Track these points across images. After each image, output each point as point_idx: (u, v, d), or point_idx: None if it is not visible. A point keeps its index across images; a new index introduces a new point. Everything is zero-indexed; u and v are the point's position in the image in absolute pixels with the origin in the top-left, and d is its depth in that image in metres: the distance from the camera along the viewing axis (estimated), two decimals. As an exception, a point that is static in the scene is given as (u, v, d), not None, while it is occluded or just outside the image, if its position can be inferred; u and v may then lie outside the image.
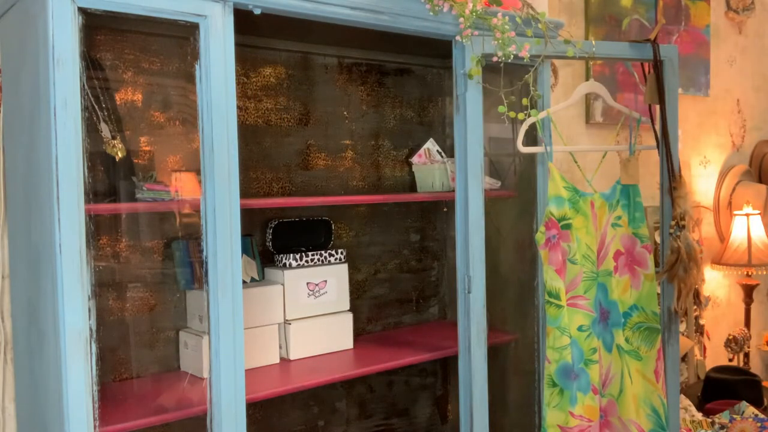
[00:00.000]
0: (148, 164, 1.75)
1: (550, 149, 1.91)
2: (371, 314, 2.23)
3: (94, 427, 1.32)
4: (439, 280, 2.40)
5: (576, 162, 2.03)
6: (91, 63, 1.43)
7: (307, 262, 1.93)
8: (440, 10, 1.71)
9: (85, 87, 1.31)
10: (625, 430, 1.90)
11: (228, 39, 1.44)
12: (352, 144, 2.17)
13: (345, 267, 2.01)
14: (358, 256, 2.19)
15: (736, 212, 3.27)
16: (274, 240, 1.94)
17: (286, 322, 1.89)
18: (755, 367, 3.46)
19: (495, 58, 1.72)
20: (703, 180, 3.34)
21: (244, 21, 1.49)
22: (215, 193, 1.43)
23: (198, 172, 1.46)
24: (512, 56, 1.72)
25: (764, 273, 3.29)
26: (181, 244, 1.76)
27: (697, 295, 3.12)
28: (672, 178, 1.90)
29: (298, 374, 1.78)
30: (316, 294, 1.94)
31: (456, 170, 1.79)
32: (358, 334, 2.14)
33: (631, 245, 1.95)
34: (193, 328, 1.78)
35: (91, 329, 1.31)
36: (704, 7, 3.27)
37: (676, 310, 1.91)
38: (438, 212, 2.39)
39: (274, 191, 2.00)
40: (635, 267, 1.94)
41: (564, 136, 2.23)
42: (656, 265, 1.99)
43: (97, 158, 1.53)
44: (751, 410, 2.70)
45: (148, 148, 1.76)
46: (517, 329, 2.15)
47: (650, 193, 2.71)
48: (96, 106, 1.45)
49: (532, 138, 1.96)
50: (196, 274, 1.75)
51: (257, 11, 1.49)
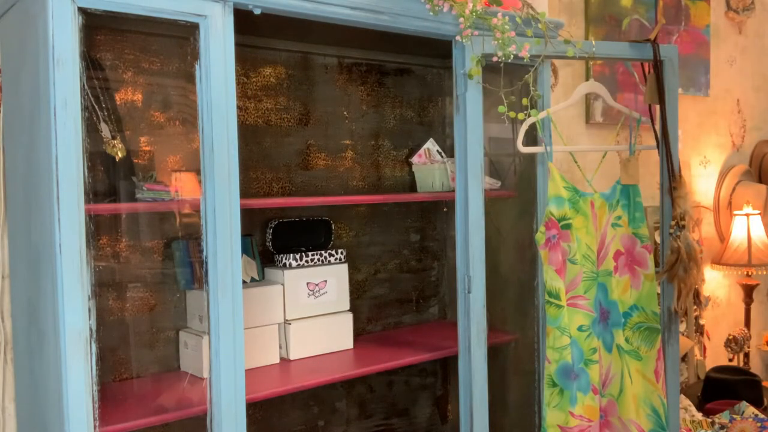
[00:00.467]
0: (148, 164, 1.75)
1: (550, 149, 1.91)
2: (371, 314, 2.23)
3: (94, 427, 1.32)
4: (439, 280, 2.40)
5: (576, 162, 2.03)
6: (91, 63, 1.44)
7: (307, 262, 1.93)
8: (440, 10, 1.71)
9: (85, 87, 1.31)
10: (625, 430, 1.90)
11: (228, 39, 1.44)
12: (352, 144, 2.17)
13: (345, 267, 2.01)
14: (358, 256, 2.19)
15: (736, 212, 3.27)
16: (274, 240, 1.94)
17: (286, 322, 1.89)
18: (755, 367, 3.46)
19: (495, 58, 1.72)
20: (703, 180, 3.34)
21: (244, 21, 1.49)
22: (215, 193, 1.43)
23: (198, 172, 1.46)
24: (512, 56, 1.72)
25: (764, 273, 3.29)
26: (181, 244, 1.76)
27: (697, 295, 3.12)
28: (672, 178, 1.90)
29: (298, 374, 1.78)
30: (316, 294, 1.94)
31: (456, 170, 1.79)
32: (358, 334, 2.14)
33: (631, 245, 1.95)
34: (193, 328, 1.78)
35: (91, 329, 1.31)
36: (704, 7, 3.27)
37: (676, 310, 1.91)
38: (438, 212, 2.39)
39: (274, 191, 2.00)
40: (635, 267, 1.94)
41: (564, 136, 2.23)
42: (656, 265, 1.99)
43: (97, 158, 1.53)
44: (751, 410, 2.70)
45: (148, 148, 1.76)
46: (517, 329, 2.15)
47: (650, 193, 2.71)
48: (96, 106, 1.45)
49: (532, 138, 1.96)
50: (196, 274, 1.75)
51: (257, 11, 1.49)
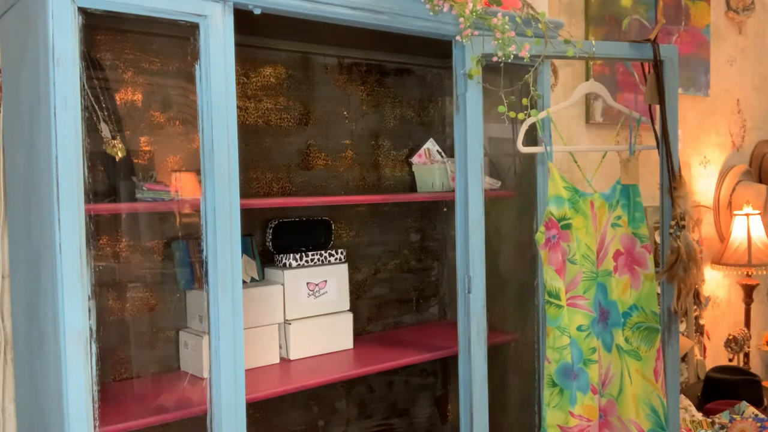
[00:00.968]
0: (148, 164, 1.75)
1: (550, 149, 1.91)
2: (371, 314, 2.23)
3: (94, 427, 1.32)
4: (439, 280, 2.40)
5: (576, 162, 2.03)
6: (91, 63, 1.44)
7: (307, 262, 1.93)
8: (440, 10, 1.71)
9: (85, 87, 1.31)
10: (625, 430, 1.90)
11: (228, 39, 1.44)
12: (352, 144, 2.17)
13: (345, 267, 2.01)
14: (358, 256, 2.19)
15: (736, 212, 3.27)
16: (274, 240, 1.94)
17: (286, 322, 1.89)
18: (755, 367, 3.46)
19: (495, 58, 1.72)
20: (703, 180, 3.34)
21: (244, 21, 1.49)
22: (215, 193, 1.43)
23: (198, 172, 1.46)
24: (512, 56, 1.72)
25: (764, 273, 3.29)
26: (181, 244, 1.76)
27: (697, 295, 3.12)
28: (672, 178, 1.90)
29: (298, 374, 1.78)
30: (316, 294, 1.94)
31: (456, 170, 1.79)
32: (358, 334, 2.14)
33: (631, 245, 1.95)
34: (193, 328, 1.78)
35: (91, 329, 1.31)
36: (704, 7, 3.27)
37: (676, 310, 1.91)
38: (438, 212, 2.39)
39: (274, 191, 2.00)
40: (635, 267, 1.94)
41: (564, 136, 2.24)
42: (656, 265, 1.99)
43: (97, 158, 1.53)
44: (751, 410, 2.70)
45: (148, 148, 1.76)
46: (517, 329, 2.15)
47: (650, 193, 2.71)
48: (96, 106, 1.45)
49: (532, 138, 1.96)
50: (196, 274, 1.75)
51: (257, 11, 1.50)
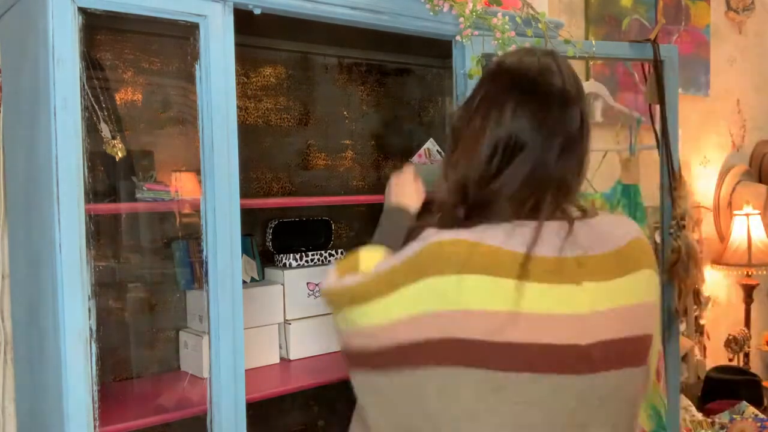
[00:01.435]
0: (148, 164, 1.75)
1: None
2: (371, 314, 2.23)
3: (94, 427, 1.32)
4: (439, 280, 2.40)
5: (576, 162, 2.02)
6: (91, 63, 1.43)
7: (307, 262, 1.93)
8: (440, 10, 1.71)
9: (85, 87, 1.31)
10: None
11: (228, 39, 1.44)
12: (352, 144, 2.16)
13: (345, 267, 2.01)
14: (358, 256, 2.18)
15: (736, 212, 3.27)
16: (274, 240, 1.94)
17: (286, 322, 1.89)
18: (755, 367, 3.46)
19: (495, 58, 1.72)
20: (703, 180, 3.34)
21: (244, 21, 1.49)
22: (215, 193, 1.43)
23: (198, 172, 1.46)
24: (512, 56, 1.72)
25: (764, 273, 3.29)
26: (181, 244, 1.76)
27: (698, 294, 3.11)
28: (672, 178, 1.90)
29: (298, 374, 1.78)
30: (316, 294, 1.94)
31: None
32: (358, 334, 2.14)
33: (631, 245, 1.95)
34: (193, 328, 1.78)
35: (91, 329, 1.31)
36: (704, 7, 3.27)
37: (677, 310, 1.91)
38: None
39: (274, 191, 2.00)
40: (635, 267, 1.94)
41: (564, 136, 2.23)
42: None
43: (97, 158, 1.53)
44: (751, 410, 2.71)
45: (148, 148, 1.76)
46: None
47: (650, 193, 2.71)
48: (96, 106, 1.45)
49: (532, 138, 1.96)
50: (196, 274, 1.75)
51: (257, 11, 1.49)
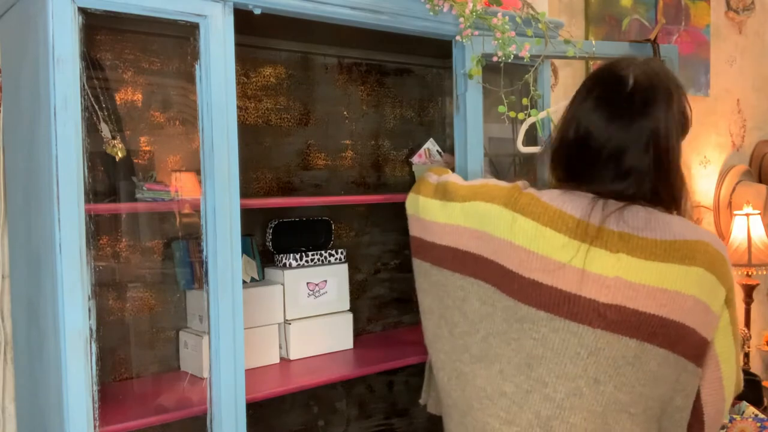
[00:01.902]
0: (148, 164, 1.75)
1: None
2: (371, 314, 2.23)
3: (94, 427, 1.32)
4: (439, 280, 2.40)
5: (576, 162, 2.02)
6: (91, 63, 1.43)
7: (307, 262, 1.93)
8: (440, 10, 1.71)
9: (85, 87, 1.31)
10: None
11: (228, 39, 1.44)
12: (352, 144, 2.17)
13: (345, 267, 2.01)
14: (358, 256, 2.19)
15: (736, 212, 3.27)
16: (274, 240, 1.94)
17: (286, 322, 1.89)
18: (755, 367, 3.46)
19: (495, 58, 1.72)
20: (703, 180, 3.34)
21: (244, 21, 1.49)
22: (215, 193, 1.43)
23: (198, 172, 1.46)
24: (512, 56, 1.72)
25: (764, 273, 3.29)
26: (181, 244, 1.76)
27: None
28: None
29: (298, 374, 1.78)
30: (316, 294, 1.94)
31: (456, 170, 1.79)
32: (358, 334, 2.14)
33: (631, 245, 1.95)
34: (193, 328, 1.78)
35: (91, 329, 1.31)
36: (704, 7, 3.27)
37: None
38: (438, 212, 2.38)
39: (274, 191, 2.00)
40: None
41: (564, 136, 2.23)
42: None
43: (97, 158, 1.53)
44: (751, 410, 2.70)
45: (148, 148, 1.76)
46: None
47: (650, 193, 2.71)
48: (96, 106, 1.45)
49: (532, 138, 1.96)
50: (196, 274, 1.75)
51: (257, 11, 1.50)
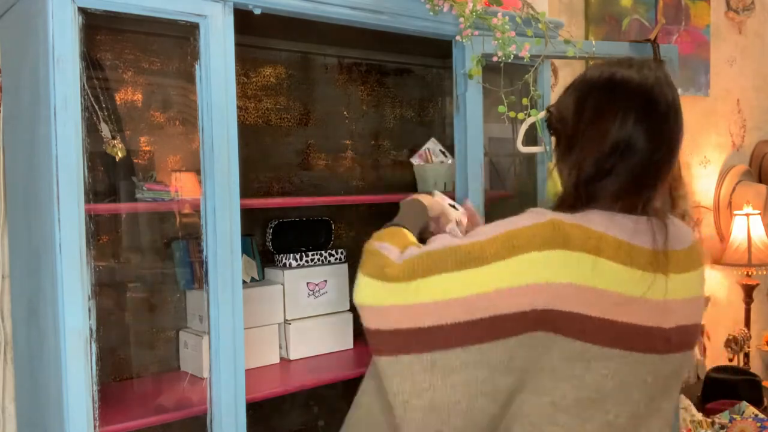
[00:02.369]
0: (148, 164, 1.75)
1: (550, 149, 1.91)
2: (371, 314, 2.23)
3: (94, 427, 1.32)
4: (439, 280, 2.40)
5: (576, 162, 2.02)
6: (91, 63, 1.43)
7: (307, 262, 1.93)
8: (440, 10, 1.71)
9: (85, 87, 1.31)
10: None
11: (228, 39, 1.44)
12: (352, 144, 2.16)
13: (345, 267, 2.01)
14: (358, 256, 2.17)
15: (736, 212, 3.27)
16: (274, 240, 1.94)
17: (286, 322, 1.89)
18: (755, 367, 3.46)
19: (495, 58, 1.72)
20: (703, 180, 3.34)
21: (244, 21, 1.49)
22: (215, 193, 1.43)
23: (198, 172, 1.46)
24: (512, 56, 1.72)
25: (764, 273, 3.29)
26: (181, 244, 1.76)
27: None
28: (672, 178, 1.90)
29: (298, 374, 1.78)
30: (316, 294, 1.94)
31: (456, 170, 1.79)
32: (358, 334, 2.14)
33: (631, 245, 1.95)
34: (193, 328, 1.78)
35: (91, 329, 1.31)
36: (704, 7, 3.27)
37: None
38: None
39: (274, 191, 2.00)
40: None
41: (564, 136, 2.23)
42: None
43: (97, 158, 1.53)
44: (751, 410, 2.70)
45: (148, 148, 1.76)
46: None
47: (650, 193, 2.71)
48: (96, 106, 1.45)
49: (532, 138, 1.96)
50: (196, 274, 1.75)
51: (257, 11, 1.49)
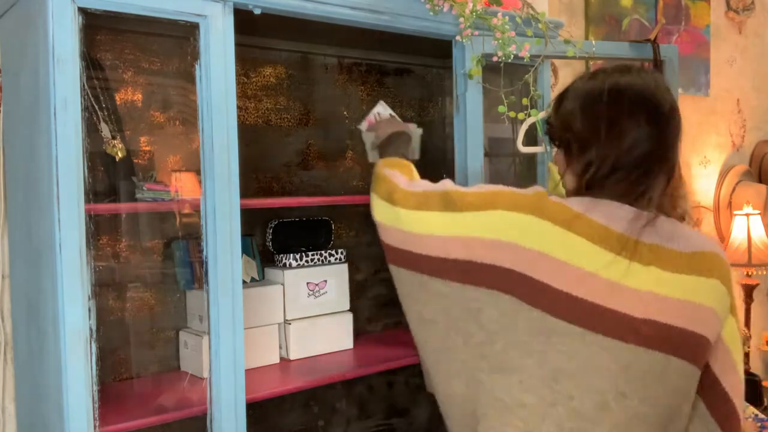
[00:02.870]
0: (148, 164, 1.75)
1: (550, 149, 1.91)
2: (371, 314, 2.23)
3: (94, 427, 1.32)
4: (439, 280, 2.40)
5: (576, 162, 2.02)
6: (91, 63, 1.44)
7: (307, 262, 1.93)
8: (440, 10, 1.71)
9: (85, 87, 1.31)
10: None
11: (228, 39, 1.44)
12: (352, 144, 2.17)
13: (345, 267, 2.01)
14: (358, 256, 2.19)
15: (736, 212, 3.27)
16: (274, 240, 1.94)
17: (286, 322, 1.89)
18: (755, 367, 3.46)
19: (495, 58, 1.72)
20: (703, 180, 3.34)
21: (244, 21, 1.49)
22: (215, 193, 1.43)
23: (198, 172, 1.46)
24: (512, 56, 1.72)
25: (764, 273, 3.29)
26: (181, 244, 1.76)
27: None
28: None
29: (298, 374, 1.78)
30: (316, 294, 1.94)
31: (456, 170, 1.79)
32: (358, 334, 2.14)
33: (631, 245, 1.95)
34: (193, 328, 1.78)
35: (91, 329, 1.31)
36: (704, 7, 3.27)
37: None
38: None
39: (274, 191, 2.00)
40: (635, 267, 1.94)
41: (564, 136, 2.23)
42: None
43: (97, 158, 1.53)
44: (751, 410, 2.71)
45: (148, 148, 1.76)
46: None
47: (650, 193, 2.71)
48: (96, 106, 1.45)
49: (532, 138, 1.96)
50: (196, 274, 1.75)
51: (257, 11, 1.50)
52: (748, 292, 3.34)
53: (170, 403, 1.59)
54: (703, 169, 3.35)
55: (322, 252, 1.97)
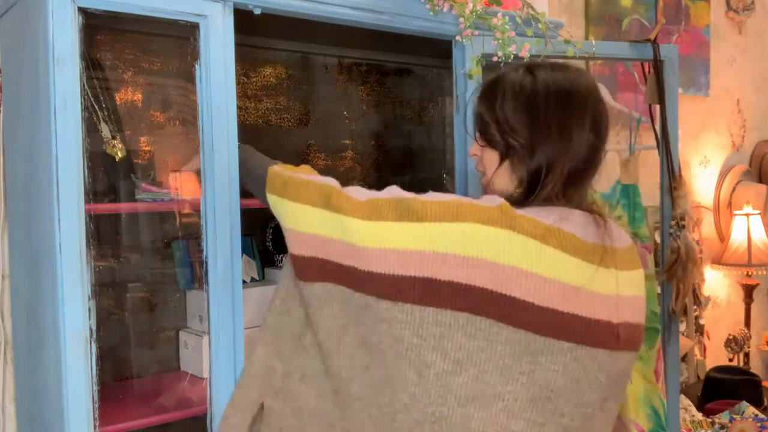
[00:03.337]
0: (148, 164, 1.75)
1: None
2: (371, 314, 2.23)
3: (94, 427, 1.32)
4: (439, 280, 2.39)
5: (576, 162, 2.02)
6: (91, 63, 1.44)
7: (307, 262, 1.93)
8: (440, 10, 1.71)
9: (85, 87, 1.31)
10: (625, 430, 1.90)
11: (228, 39, 1.44)
12: (352, 144, 2.17)
13: (345, 267, 2.01)
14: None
15: (736, 212, 3.27)
16: (274, 240, 1.94)
17: (286, 322, 1.89)
18: (755, 367, 3.46)
19: (495, 58, 1.72)
20: (703, 180, 3.34)
21: (244, 21, 1.49)
22: (215, 193, 1.43)
23: (198, 172, 1.46)
24: (512, 56, 1.72)
25: (764, 273, 3.29)
26: (181, 244, 1.76)
27: (696, 294, 3.12)
28: (672, 178, 1.90)
29: (298, 374, 1.78)
30: (316, 294, 1.94)
31: (456, 171, 1.79)
32: (358, 334, 2.14)
33: (631, 245, 1.95)
34: (193, 328, 1.78)
35: (91, 329, 1.31)
36: (704, 7, 3.27)
37: (674, 309, 1.91)
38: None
39: (274, 191, 2.00)
40: (635, 267, 1.94)
41: (564, 136, 2.23)
42: (656, 265, 1.99)
43: (97, 158, 1.53)
44: (751, 410, 2.71)
45: (148, 148, 1.76)
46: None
47: (650, 193, 2.71)
48: (96, 106, 1.45)
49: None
50: (196, 274, 1.75)
51: (257, 11, 1.49)
52: (748, 292, 3.34)
53: (170, 403, 1.59)
54: (703, 169, 3.35)
55: (322, 252, 1.97)
